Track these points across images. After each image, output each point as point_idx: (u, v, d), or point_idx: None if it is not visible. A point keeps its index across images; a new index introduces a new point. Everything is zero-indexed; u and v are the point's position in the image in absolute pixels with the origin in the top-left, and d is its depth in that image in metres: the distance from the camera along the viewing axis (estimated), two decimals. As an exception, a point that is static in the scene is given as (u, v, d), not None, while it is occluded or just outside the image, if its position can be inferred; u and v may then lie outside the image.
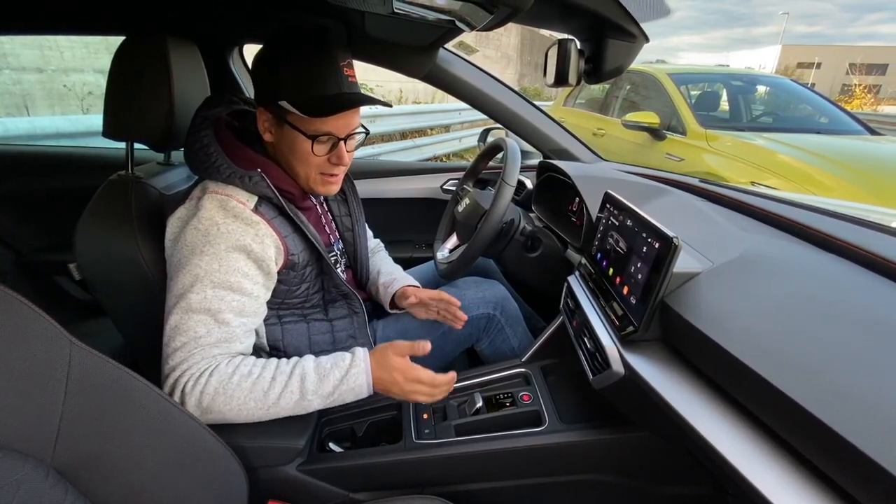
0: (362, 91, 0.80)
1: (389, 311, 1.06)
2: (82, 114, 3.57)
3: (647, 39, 0.80)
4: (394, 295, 1.04)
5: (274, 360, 0.76)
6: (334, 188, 0.85)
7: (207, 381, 0.69)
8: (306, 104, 0.73)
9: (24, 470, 0.41)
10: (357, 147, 0.86)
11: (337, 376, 0.75)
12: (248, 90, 1.42)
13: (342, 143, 0.79)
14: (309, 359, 0.77)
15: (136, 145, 0.85)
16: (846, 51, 40.53)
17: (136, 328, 0.87)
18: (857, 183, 2.12)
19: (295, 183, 0.83)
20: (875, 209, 1.29)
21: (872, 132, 2.98)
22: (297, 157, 0.79)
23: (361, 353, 0.78)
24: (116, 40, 0.84)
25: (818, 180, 2.18)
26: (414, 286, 1.05)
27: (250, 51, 0.99)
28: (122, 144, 0.84)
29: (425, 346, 0.79)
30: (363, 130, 0.83)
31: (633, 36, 0.79)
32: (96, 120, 2.66)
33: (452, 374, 0.80)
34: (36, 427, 0.43)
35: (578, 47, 0.86)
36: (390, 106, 0.86)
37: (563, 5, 0.67)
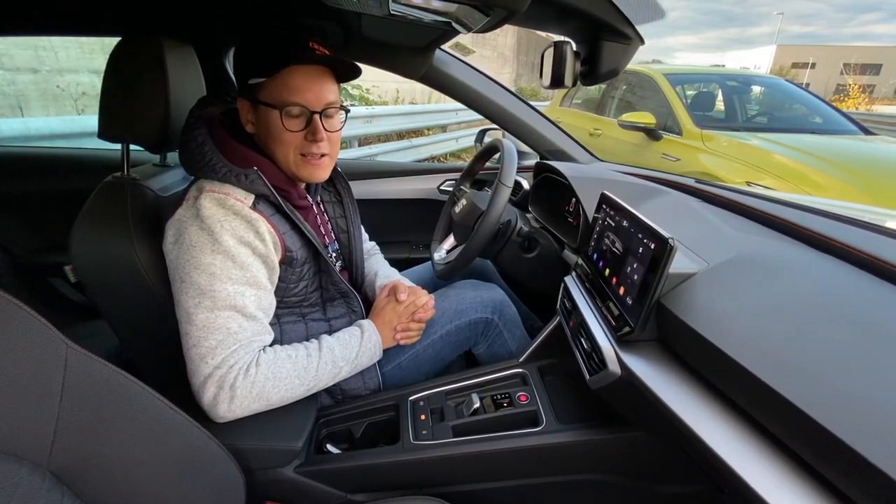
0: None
1: None
2: (77, 114, 3.55)
3: (642, 41, 0.81)
4: None
5: (297, 343, 0.83)
6: (320, 172, 0.82)
7: (258, 371, 0.73)
8: (267, 66, 0.74)
9: (20, 474, 0.40)
10: (341, 126, 0.84)
11: (356, 342, 0.87)
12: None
13: (317, 117, 0.77)
14: (325, 336, 0.86)
15: (132, 147, 0.84)
16: (841, 51, 40.82)
17: (132, 330, 0.87)
18: (851, 183, 2.13)
19: (291, 180, 0.83)
20: (869, 209, 1.30)
21: (867, 132, 3.00)
22: (273, 137, 0.78)
23: (366, 321, 0.92)
24: (112, 41, 0.84)
25: (813, 180, 2.20)
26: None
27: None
28: (118, 146, 0.84)
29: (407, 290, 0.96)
30: (344, 108, 0.82)
31: (628, 38, 0.80)
32: (91, 121, 2.65)
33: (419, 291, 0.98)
34: (32, 430, 0.43)
35: (574, 49, 0.87)
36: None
37: (559, 7, 0.68)
